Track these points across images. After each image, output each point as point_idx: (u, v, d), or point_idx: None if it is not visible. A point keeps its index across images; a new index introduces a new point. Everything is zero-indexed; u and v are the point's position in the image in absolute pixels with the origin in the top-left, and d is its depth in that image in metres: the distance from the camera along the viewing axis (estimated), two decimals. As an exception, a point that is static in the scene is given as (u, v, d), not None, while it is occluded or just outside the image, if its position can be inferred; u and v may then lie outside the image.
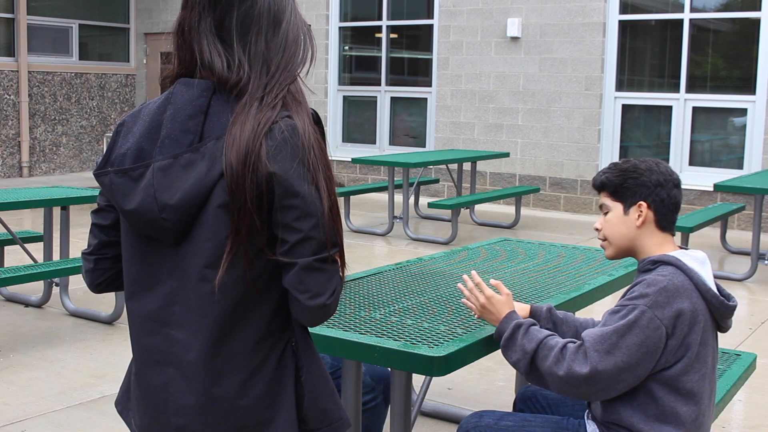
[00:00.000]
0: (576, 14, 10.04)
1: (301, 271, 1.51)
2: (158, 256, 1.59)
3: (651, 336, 2.11)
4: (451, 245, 7.71)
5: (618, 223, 2.32)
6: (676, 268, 2.21)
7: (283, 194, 1.48)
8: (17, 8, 12.14)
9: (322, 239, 1.51)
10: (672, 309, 2.13)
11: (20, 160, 12.29)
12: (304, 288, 1.52)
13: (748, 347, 4.72)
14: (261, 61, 1.55)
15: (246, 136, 1.48)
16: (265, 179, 1.48)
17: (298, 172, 1.48)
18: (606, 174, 2.34)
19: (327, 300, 1.53)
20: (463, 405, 3.96)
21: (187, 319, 1.57)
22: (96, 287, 1.76)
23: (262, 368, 1.59)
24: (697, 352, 2.18)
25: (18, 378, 4.25)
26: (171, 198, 1.52)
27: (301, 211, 1.49)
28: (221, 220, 1.51)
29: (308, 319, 1.57)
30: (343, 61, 12.26)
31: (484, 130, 10.80)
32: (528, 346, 2.19)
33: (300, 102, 1.56)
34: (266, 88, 1.53)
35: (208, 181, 1.51)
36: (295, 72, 1.59)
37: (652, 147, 10.07)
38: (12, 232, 5.50)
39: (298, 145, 1.49)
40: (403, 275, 2.98)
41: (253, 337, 1.57)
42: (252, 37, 1.56)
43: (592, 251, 3.55)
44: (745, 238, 8.22)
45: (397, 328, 2.31)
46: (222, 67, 1.55)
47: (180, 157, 1.53)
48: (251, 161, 1.47)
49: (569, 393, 2.20)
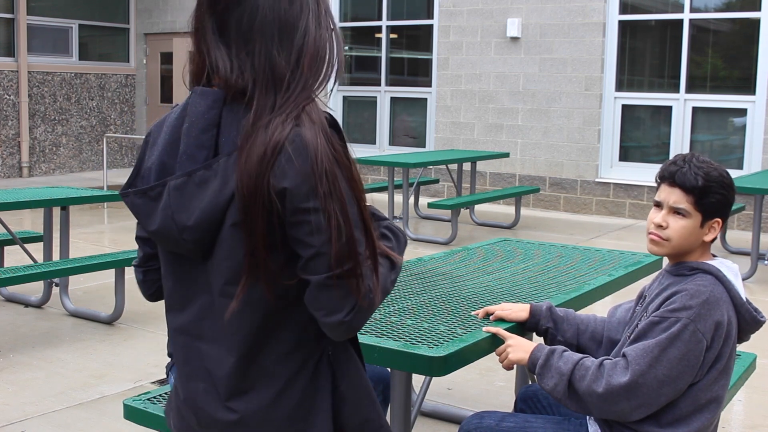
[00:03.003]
0: (576, 14, 10.04)
1: (315, 289, 1.47)
2: (190, 272, 1.58)
3: (693, 349, 2.08)
4: (451, 245, 7.70)
5: (691, 232, 2.21)
6: (716, 278, 2.17)
7: (293, 210, 1.44)
8: (17, 8, 12.14)
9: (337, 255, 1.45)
10: (712, 321, 2.10)
11: (20, 161, 12.29)
12: (318, 305, 1.48)
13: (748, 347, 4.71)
14: (268, 75, 1.48)
15: (256, 157, 1.43)
16: (276, 196, 1.44)
17: (308, 186, 1.43)
18: (701, 179, 2.17)
19: (344, 317, 1.47)
20: (462, 405, 3.95)
21: (217, 334, 1.56)
22: (150, 297, 1.78)
23: (296, 381, 1.56)
24: (725, 363, 2.17)
25: (18, 378, 4.25)
26: (188, 219, 1.50)
27: (311, 226, 1.44)
28: (237, 238, 1.48)
29: (332, 334, 1.52)
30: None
31: (484, 130, 10.80)
32: (564, 368, 2.15)
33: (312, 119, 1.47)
34: (276, 105, 1.47)
35: (221, 199, 1.48)
36: (312, 92, 1.51)
37: (652, 147, 10.07)
38: (12, 232, 5.50)
39: (308, 160, 1.43)
40: (403, 275, 2.98)
41: (283, 351, 1.55)
42: (256, 46, 1.49)
43: (591, 251, 3.55)
44: (745, 238, 8.22)
45: (397, 328, 2.31)
46: (226, 72, 1.50)
47: (194, 175, 1.50)
48: (261, 182, 1.43)
49: (610, 413, 2.15)
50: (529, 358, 2.25)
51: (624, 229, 9.22)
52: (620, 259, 3.36)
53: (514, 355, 2.29)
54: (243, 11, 1.50)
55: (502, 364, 2.33)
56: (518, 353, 2.28)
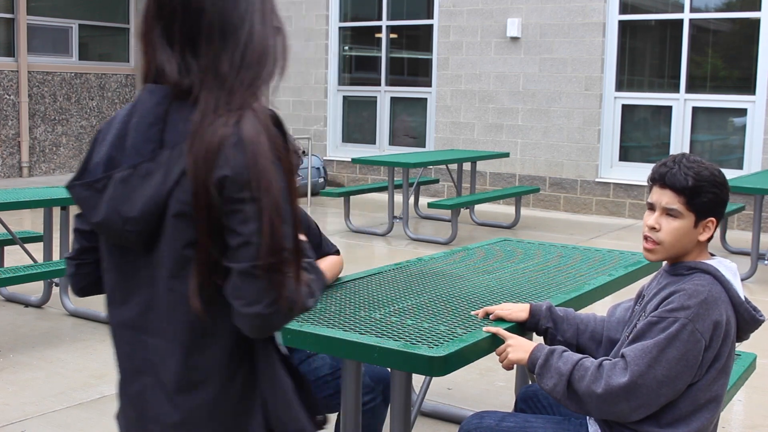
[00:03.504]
0: (576, 14, 10.04)
1: (237, 277, 1.48)
2: (133, 265, 1.60)
3: (691, 349, 2.08)
4: (451, 245, 7.70)
5: (684, 234, 2.21)
6: (713, 278, 2.17)
7: (229, 199, 1.47)
8: (17, 8, 12.14)
9: (264, 245, 1.47)
10: (711, 321, 2.10)
11: (20, 160, 12.29)
12: (238, 294, 1.48)
13: (748, 347, 4.71)
14: (213, 74, 1.53)
15: (203, 151, 1.47)
16: (216, 186, 1.47)
17: (245, 177, 1.46)
18: (690, 179, 2.17)
19: (264, 310, 1.47)
20: (462, 405, 3.96)
21: (162, 327, 1.57)
22: (79, 291, 1.77)
23: (235, 379, 1.58)
24: (724, 363, 2.17)
25: (18, 378, 4.25)
26: (132, 210, 1.53)
27: (244, 215, 1.47)
28: (177, 229, 1.51)
29: (246, 328, 1.51)
30: (343, 62, 12.26)
31: (483, 130, 10.80)
32: (564, 369, 2.16)
33: (257, 116, 1.52)
34: (221, 103, 1.51)
35: (164, 191, 1.51)
36: (258, 90, 1.56)
37: (652, 147, 10.07)
38: (12, 232, 5.50)
39: (247, 154, 1.47)
40: (403, 275, 2.98)
41: (224, 347, 1.57)
42: (202, 47, 1.54)
43: (591, 251, 3.55)
44: (745, 238, 8.22)
45: (397, 328, 2.31)
46: (173, 73, 1.55)
47: (139, 167, 1.54)
48: (205, 174, 1.47)
49: (609, 413, 2.15)
50: (529, 358, 2.25)
51: (624, 229, 9.23)
52: (620, 259, 3.36)
53: (514, 355, 2.29)
54: (188, 14, 1.54)
55: (501, 364, 2.33)
56: (518, 353, 2.28)
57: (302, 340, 2.27)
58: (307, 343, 2.29)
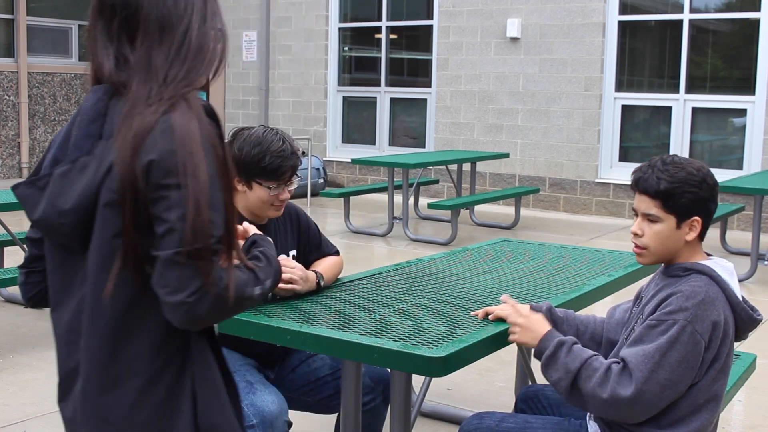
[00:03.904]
0: (576, 15, 10.05)
1: (162, 264, 1.46)
2: (72, 266, 1.59)
3: (692, 351, 2.08)
4: (450, 246, 7.70)
5: (667, 236, 2.21)
6: (710, 278, 2.17)
7: (155, 186, 1.47)
8: (17, 9, 12.14)
9: (189, 232, 1.46)
10: (709, 322, 2.10)
11: (20, 161, 12.29)
12: (163, 282, 1.47)
13: (748, 347, 4.71)
14: (145, 67, 1.55)
15: (130, 137, 1.48)
16: (142, 171, 1.47)
17: (171, 163, 1.46)
18: (663, 182, 2.18)
19: (187, 298, 1.45)
20: (462, 406, 3.96)
21: (89, 326, 1.57)
22: (28, 301, 1.77)
23: (162, 376, 1.55)
24: (723, 363, 2.17)
25: (18, 379, 4.25)
26: (66, 202, 1.54)
27: (169, 202, 1.46)
28: (107, 219, 1.51)
29: (173, 318, 1.49)
30: (343, 62, 12.26)
31: (483, 130, 10.80)
32: (571, 366, 2.14)
33: (190, 105, 1.53)
34: (152, 94, 1.53)
35: (95, 181, 1.52)
36: (193, 83, 1.57)
37: (651, 148, 10.07)
38: (12, 232, 5.50)
39: (174, 140, 1.48)
40: (403, 276, 2.98)
41: (150, 343, 1.55)
42: (138, 41, 1.56)
43: (591, 252, 3.55)
44: (745, 239, 8.22)
45: (397, 328, 2.31)
46: (110, 68, 1.57)
47: (77, 161, 1.55)
48: (132, 161, 1.47)
49: (610, 415, 2.15)
50: (537, 346, 2.23)
51: (624, 229, 9.22)
52: (620, 260, 3.36)
53: (522, 338, 2.28)
54: (127, 11, 1.57)
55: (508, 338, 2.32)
56: (526, 337, 2.27)
57: (302, 340, 2.27)
58: (307, 344, 2.29)
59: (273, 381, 2.91)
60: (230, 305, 1.50)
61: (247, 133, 2.76)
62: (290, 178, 2.76)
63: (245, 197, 2.78)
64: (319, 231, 3.05)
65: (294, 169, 2.76)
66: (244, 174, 2.73)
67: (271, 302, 2.55)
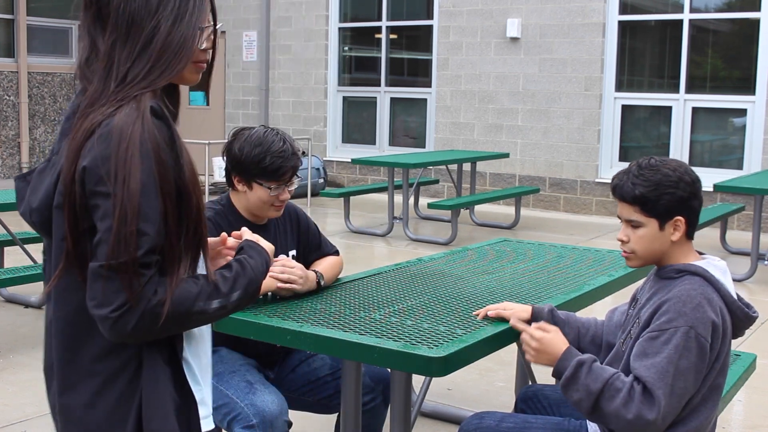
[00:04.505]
0: (576, 15, 10.05)
1: (89, 276, 1.43)
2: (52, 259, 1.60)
3: (699, 354, 2.08)
4: (450, 246, 7.70)
5: (652, 239, 2.21)
6: (703, 279, 2.16)
7: (90, 192, 1.44)
8: (17, 9, 12.14)
9: (115, 244, 1.40)
10: (709, 323, 2.10)
11: (20, 161, 12.29)
12: (91, 294, 1.43)
13: (748, 347, 4.71)
14: (105, 63, 1.52)
15: (75, 140, 1.46)
16: (78, 176, 1.44)
17: (104, 170, 1.42)
18: (638, 187, 2.18)
19: (110, 313, 1.40)
20: (462, 406, 3.96)
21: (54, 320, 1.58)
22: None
23: (115, 380, 1.52)
24: (723, 362, 2.17)
25: (18, 379, 4.25)
26: (35, 201, 1.56)
27: (101, 210, 1.43)
28: (57, 220, 1.51)
29: (102, 329, 1.44)
30: (343, 62, 12.26)
31: (483, 130, 10.80)
32: (593, 387, 2.10)
33: (138, 107, 1.48)
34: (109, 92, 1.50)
35: (52, 182, 1.52)
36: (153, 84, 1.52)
37: (651, 147, 10.07)
38: (12, 232, 5.50)
39: (110, 145, 1.43)
40: (403, 276, 2.98)
41: (103, 346, 1.51)
42: (105, 37, 1.54)
43: (591, 252, 3.55)
44: (745, 239, 8.22)
45: (397, 328, 2.31)
46: (81, 62, 1.56)
47: (52, 159, 1.57)
48: (72, 161, 1.45)
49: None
50: (555, 367, 2.20)
51: (624, 229, 9.21)
52: (620, 260, 3.35)
53: (539, 360, 2.24)
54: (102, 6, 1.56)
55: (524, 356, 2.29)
56: (543, 359, 2.23)
57: (302, 340, 2.27)
58: (307, 344, 2.29)
59: (273, 381, 2.91)
60: (165, 321, 1.43)
61: (247, 134, 2.75)
62: (291, 178, 2.76)
63: (245, 197, 2.77)
64: (318, 231, 3.04)
65: (295, 170, 2.76)
66: (245, 174, 2.73)
67: (271, 302, 2.55)
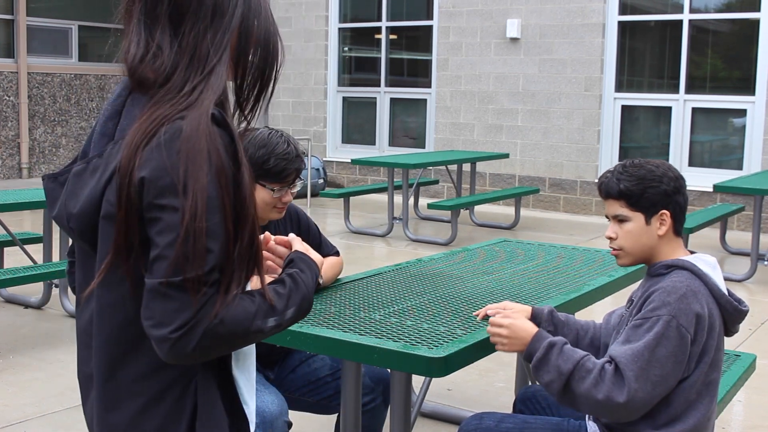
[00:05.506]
0: (575, 15, 10.05)
1: (147, 294, 1.32)
2: (90, 267, 1.48)
3: (679, 344, 2.09)
4: (450, 246, 7.71)
5: (639, 234, 2.24)
6: (691, 273, 2.18)
7: (149, 205, 1.32)
8: (17, 9, 12.14)
9: (178, 261, 1.29)
10: (692, 314, 2.11)
11: (20, 162, 12.29)
12: (147, 314, 1.32)
13: (748, 348, 4.71)
14: (190, 55, 1.39)
15: (133, 143, 1.34)
16: (136, 188, 1.33)
17: (166, 181, 1.30)
18: (623, 182, 2.23)
19: (170, 334, 1.29)
20: (462, 406, 3.96)
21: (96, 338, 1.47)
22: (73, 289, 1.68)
23: (160, 401, 1.43)
24: (713, 357, 2.17)
25: (18, 379, 4.25)
26: (74, 206, 1.43)
27: (162, 224, 1.31)
28: (105, 232, 1.39)
29: (159, 352, 1.34)
30: (343, 62, 12.26)
31: (483, 131, 10.80)
32: (564, 367, 2.12)
33: (205, 110, 1.36)
34: (186, 84, 1.38)
35: (98, 189, 1.39)
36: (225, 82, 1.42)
37: (651, 148, 10.08)
38: (12, 233, 5.50)
39: (174, 154, 1.31)
40: (403, 276, 2.98)
41: (148, 365, 1.42)
42: (186, 25, 1.40)
43: (591, 252, 3.55)
44: (745, 239, 8.22)
45: (397, 329, 2.31)
46: (134, 58, 1.41)
47: (92, 162, 1.43)
48: (128, 170, 1.33)
49: (603, 415, 2.15)
50: (527, 350, 2.21)
51: (624, 229, 9.22)
52: (620, 260, 3.35)
53: (511, 348, 2.24)
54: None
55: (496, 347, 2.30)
56: (515, 346, 2.23)
57: (302, 341, 2.27)
58: (307, 344, 2.29)
59: (273, 381, 2.91)
60: (225, 341, 1.35)
61: (251, 135, 2.75)
62: (294, 180, 2.76)
63: (246, 198, 2.77)
64: (319, 231, 3.05)
65: (298, 172, 2.76)
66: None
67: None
